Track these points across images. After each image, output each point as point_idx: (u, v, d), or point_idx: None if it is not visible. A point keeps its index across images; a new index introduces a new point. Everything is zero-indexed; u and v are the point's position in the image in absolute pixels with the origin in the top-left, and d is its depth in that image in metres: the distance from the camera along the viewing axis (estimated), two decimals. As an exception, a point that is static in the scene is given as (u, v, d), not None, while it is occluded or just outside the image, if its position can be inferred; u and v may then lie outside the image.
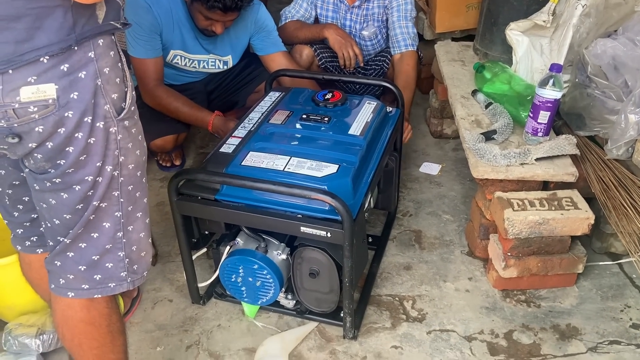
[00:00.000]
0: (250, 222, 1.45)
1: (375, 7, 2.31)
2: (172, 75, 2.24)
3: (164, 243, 1.94)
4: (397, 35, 2.28)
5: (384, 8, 2.31)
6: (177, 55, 2.15)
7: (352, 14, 2.34)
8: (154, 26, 1.99)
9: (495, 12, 2.05)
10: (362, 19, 2.34)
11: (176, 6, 2.04)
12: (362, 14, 2.33)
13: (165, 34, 2.06)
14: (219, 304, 1.70)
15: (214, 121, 2.11)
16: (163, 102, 2.09)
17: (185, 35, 2.10)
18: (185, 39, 2.11)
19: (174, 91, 2.13)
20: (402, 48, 2.28)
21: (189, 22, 2.08)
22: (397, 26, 2.28)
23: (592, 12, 1.72)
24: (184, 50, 2.14)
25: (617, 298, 1.69)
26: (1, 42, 0.85)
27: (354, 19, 2.35)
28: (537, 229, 1.57)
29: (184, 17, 2.06)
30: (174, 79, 2.27)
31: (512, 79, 1.88)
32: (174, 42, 2.10)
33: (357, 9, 2.32)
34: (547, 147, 1.63)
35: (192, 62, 2.20)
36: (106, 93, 0.97)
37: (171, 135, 2.23)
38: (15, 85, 0.88)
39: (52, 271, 1.14)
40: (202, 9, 1.95)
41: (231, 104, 2.45)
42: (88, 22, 0.92)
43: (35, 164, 0.99)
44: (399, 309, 1.67)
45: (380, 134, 1.72)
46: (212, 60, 2.23)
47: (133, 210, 1.12)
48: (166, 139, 2.22)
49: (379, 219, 2.04)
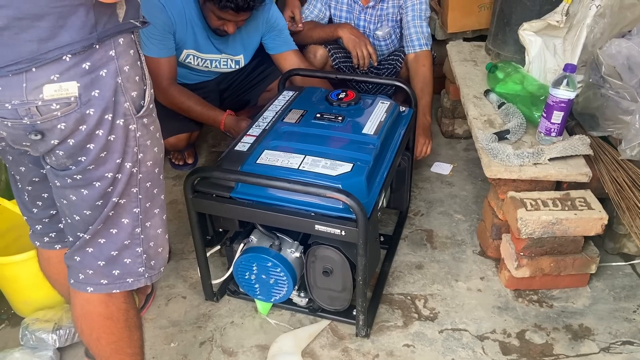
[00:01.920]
0: (265, 220, 1.46)
1: (390, 7, 2.31)
2: (185, 74, 2.26)
3: (177, 241, 1.95)
4: (411, 34, 2.29)
5: (398, 8, 2.31)
6: (189, 54, 2.16)
7: (366, 14, 2.34)
8: (168, 26, 2.01)
9: (508, 12, 2.05)
10: (377, 19, 2.34)
11: (189, 6, 2.05)
12: (377, 14, 2.33)
13: (179, 34, 2.07)
14: (232, 301, 1.71)
15: (225, 120, 2.13)
16: (176, 101, 2.11)
17: (197, 35, 2.12)
18: (198, 39, 2.13)
19: (186, 90, 2.15)
20: (416, 48, 2.29)
21: (201, 22, 2.09)
22: (411, 25, 2.28)
23: (606, 13, 1.71)
24: (197, 49, 2.16)
25: (630, 299, 1.69)
26: (25, 41, 0.87)
27: (368, 19, 2.35)
28: (550, 229, 1.57)
29: (196, 17, 2.08)
30: (187, 78, 2.28)
31: (525, 79, 1.88)
32: (186, 42, 2.12)
33: (371, 9, 2.32)
34: (560, 147, 1.63)
35: (205, 61, 2.21)
36: (126, 91, 0.99)
37: (184, 134, 2.24)
38: (38, 83, 0.90)
39: (72, 266, 1.15)
40: (214, 9, 1.97)
41: (243, 102, 2.46)
42: (109, 20, 0.94)
43: (56, 160, 1.01)
44: (411, 308, 1.68)
45: (394, 133, 1.72)
46: (225, 60, 2.25)
47: (151, 207, 1.14)
48: (179, 137, 2.24)
49: (391, 218, 2.05)
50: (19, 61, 0.87)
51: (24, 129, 0.95)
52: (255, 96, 2.43)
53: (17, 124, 0.94)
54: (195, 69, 2.25)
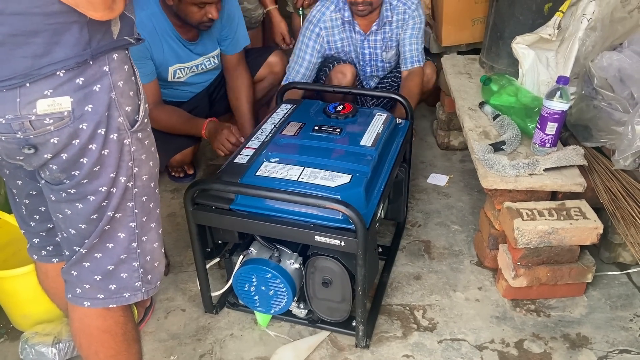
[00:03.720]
0: (265, 231, 1.47)
1: (394, 28, 2.29)
2: (178, 94, 2.30)
3: (175, 253, 1.96)
4: (405, 52, 2.31)
5: (401, 28, 2.30)
6: (176, 69, 2.19)
7: (369, 40, 2.31)
8: (143, 52, 2.02)
9: (501, 26, 2.09)
10: (381, 43, 2.32)
11: (158, 20, 2.06)
12: (380, 39, 2.31)
13: (156, 55, 2.09)
14: (231, 313, 1.71)
15: (207, 125, 2.13)
16: (162, 122, 2.11)
17: (174, 46, 2.13)
18: (176, 50, 2.15)
19: (167, 108, 2.15)
20: (408, 66, 2.32)
21: (173, 34, 2.11)
22: (407, 43, 2.30)
23: (597, 26, 1.75)
24: (180, 61, 2.18)
25: (626, 307, 1.71)
26: (20, 57, 0.88)
27: (372, 45, 2.33)
28: (546, 239, 1.59)
29: (168, 29, 2.09)
30: (181, 97, 2.32)
31: (519, 91, 1.91)
32: (168, 59, 2.14)
33: (373, 34, 2.30)
34: (555, 158, 1.66)
35: (191, 69, 2.24)
36: (120, 106, 1.00)
37: (189, 149, 2.26)
38: (32, 98, 0.91)
39: (69, 281, 1.15)
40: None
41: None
42: (103, 37, 0.95)
43: (50, 174, 1.02)
44: (410, 319, 1.69)
45: (391, 145, 1.75)
46: (207, 60, 2.27)
47: (147, 221, 1.14)
48: (184, 153, 2.27)
49: (388, 229, 2.06)
50: (13, 77, 0.89)
51: (17, 143, 0.95)
52: None
53: (10, 138, 0.95)
54: (187, 83, 2.27)
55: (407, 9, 2.26)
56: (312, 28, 2.27)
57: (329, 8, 2.26)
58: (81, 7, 0.87)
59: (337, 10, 2.25)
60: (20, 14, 0.86)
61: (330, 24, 2.27)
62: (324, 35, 2.28)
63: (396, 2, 2.26)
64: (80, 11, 0.88)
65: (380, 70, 2.42)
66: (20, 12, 0.86)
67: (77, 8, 0.87)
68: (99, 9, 0.87)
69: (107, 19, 0.93)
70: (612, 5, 1.74)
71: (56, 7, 0.87)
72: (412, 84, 2.28)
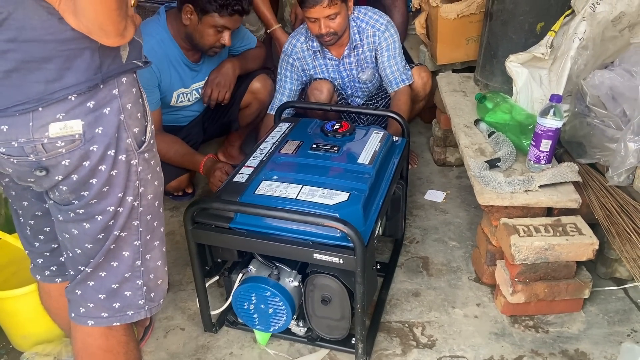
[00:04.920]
0: (264, 250, 1.48)
1: (366, 50, 2.32)
2: (177, 119, 2.33)
3: (174, 272, 1.96)
4: (388, 75, 2.34)
5: (374, 50, 2.33)
6: (179, 94, 2.23)
7: (344, 64, 2.36)
8: (151, 80, 2.06)
9: (495, 45, 2.13)
10: (356, 65, 2.36)
11: (168, 47, 2.11)
12: (355, 61, 2.35)
13: (164, 81, 2.13)
14: (230, 332, 1.72)
15: (205, 163, 2.18)
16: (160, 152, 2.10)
17: (180, 72, 2.18)
18: (182, 75, 2.20)
19: (167, 139, 2.16)
20: (394, 87, 2.35)
21: (181, 58, 2.16)
22: (387, 66, 2.32)
23: (589, 45, 1.79)
24: (184, 86, 2.23)
25: (624, 323, 1.71)
26: (33, 82, 0.91)
27: (348, 68, 2.37)
28: (543, 255, 1.60)
29: (177, 54, 2.14)
30: (179, 121, 2.35)
31: (513, 108, 1.94)
32: (173, 84, 2.18)
33: (346, 58, 2.34)
34: (550, 175, 1.68)
35: (192, 92, 2.28)
36: (128, 127, 1.02)
37: (184, 175, 2.29)
38: (44, 122, 0.93)
39: (73, 300, 1.16)
40: (216, 20, 2.00)
41: (225, 125, 2.48)
42: (113, 61, 0.98)
43: (60, 195, 1.03)
44: (409, 336, 1.69)
45: (388, 162, 1.77)
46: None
47: (151, 239, 1.16)
48: (180, 180, 2.29)
49: (386, 246, 2.07)
50: (26, 101, 0.91)
51: (29, 165, 0.97)
52: (234, 116, 2.45)
53: (22, 161, 0.97)
54: (186, 106, 2.30)
55: (376, 31, 2.28)
56: (286, 59, 2.37)
57: (299, 40, 2.34)
58: (94, 34, 0.89)
59: (306, 42, 2.32)
60: (34, 41, 0.88)
61: (302, 54, 2.35)
62: (297, 65, 2.36)
63: (364, 25, 2.28)
64: (93, 38, 0.90)
65: (359, 90, 2.45)
66: (34, 39, 0.88)
67: (89, 35, 0.89)
68: (111, 35, 0.90)
69: (119, 45, 0.95)
70: (603, 25, 1.78)
71: (69, 34, 0.89)
72: (400, 103, 2.32)
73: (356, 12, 2.28)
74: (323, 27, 2.15)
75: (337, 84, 2.41)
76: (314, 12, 2.11)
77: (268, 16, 2.63)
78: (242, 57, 2.38)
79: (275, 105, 2.38)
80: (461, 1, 2.42)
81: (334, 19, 2.14)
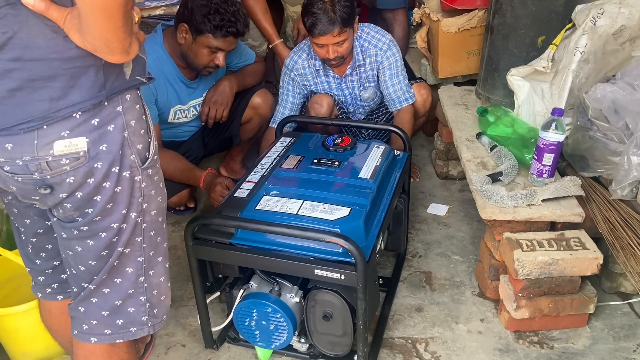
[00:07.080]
0: (265, 266, 1.48)
1: (368, 70, 2.32)
2: (176, 134, 2.33)
3: (176, 287, 1.95)
4: (390, 94, 2.34)
5: (376, 69, 2.33)
6: (177, 110, 2.24)
7: (346, 82, 2.35)
8: (148, 97, 2.06)
9: (496, 58, 2.14)
10: (358, 83, 2.36)
11: (164, 65, 2.12)
12: (357, 79, 2.35)
13: (161, 98, 2.14)
14: (232, 349, 1.70)
15: (205, 178, 2.18)
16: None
17: (177, 89, 2.19)
18: (179, 93, 2.20)
19: (167, 155, 2.15)
20: (397, 105, 2.35)
21: (177, 75, 2.17)
22: (389, 85, 2.32)
23: (590, 58, 1.79)
24: (181, 103, 2.23)
25: (630, 338, 1.69)
26: (37, 100, 0.90)
27: (350, 86, 2.37)
28: (547, 269, 1.58)
29: (174, 72, 2.15)
30: (178, 137, 2.36)
31: (515, 122, 1.93)
32: (170, 101, 2.19)
33: (349, 76, 2.34)
34: (552, 189, 1.67)
35: (189, 109, 2.28)
36: (132, 144, 1.02)
37: (185, 190, 2.29)
38: (49, 140, 0.93)
39: (76, 317, 1.16)
40: (210, 41, 2.01)
41: (226, 140, 2.49)
42: (117, 78, 0.98)
43: (64, 213, 1.03)
44: (412, 352, 1.67)
45: (389, 176, 1.76)
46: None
47: (154, 255, 1.15)
48: (181, 195, 2.29)
49: (389, 260, 2.06)
50: (31, 120, 0.91)
51: (33, 183, 0.97)
52: (235, 131, 2.45)
53: (27, 179, 0.97)
54: (183, 122, 2.31)
55: (378, 50, 2.28)
56: (288, 73, 2.37)
57: (300, 57, 2.33)
58: (99, 52, 0.89)
59: (308, 59, 2.32)
60: (38, 59, 0.88)
61: (303, 71, 2.34)
62: (298, 80, 2.36)
63: (367, 45, 2.28)
64: (98, 55, 0.90)
65: (361, 107, 2.45)
66: (39, 58, 0.88)
67: (95, 52, 0.89)
68: (117, 52, 0.90)
69: (124, 62, 0.95)
70: (604, 38, 1.78)
71: (74, 52, 0.90)
72: (403, 121, 2.32)
73: (359, 32, 2.28)
74: (331, 53, 2.15)
75: (339, 101, 2.42)
76: (323, 40, 2.11)
77: (270, 31, 2.64)
78: (240, 74, 2.38)
79: (278, 118, 2.38)
80: (462, 15, 2.43)
81: (342, 44, 2.15)
